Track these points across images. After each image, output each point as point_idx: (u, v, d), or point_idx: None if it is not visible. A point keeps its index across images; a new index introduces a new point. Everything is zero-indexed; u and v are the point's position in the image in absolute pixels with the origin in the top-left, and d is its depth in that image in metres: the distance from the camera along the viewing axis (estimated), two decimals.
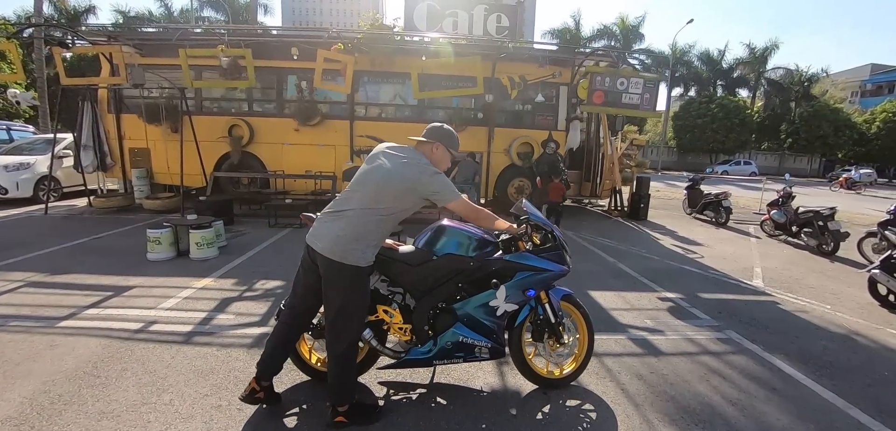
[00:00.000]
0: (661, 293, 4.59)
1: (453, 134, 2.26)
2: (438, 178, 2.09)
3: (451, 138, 2.24)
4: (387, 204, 2.05)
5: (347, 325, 2.08)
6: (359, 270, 2.01)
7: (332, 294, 2.05)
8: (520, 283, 2.37)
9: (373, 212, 2.03)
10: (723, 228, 8.87)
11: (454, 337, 2.37)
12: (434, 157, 2.18)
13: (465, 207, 2.15)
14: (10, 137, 9.70)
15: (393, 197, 2.06)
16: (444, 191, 2.07)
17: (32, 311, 3.36)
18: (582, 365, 2.68)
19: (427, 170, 2.08)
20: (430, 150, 2.19)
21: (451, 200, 2.08)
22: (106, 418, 2.16)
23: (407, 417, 2.29)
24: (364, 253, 2.02)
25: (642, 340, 3.41)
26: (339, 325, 2.07)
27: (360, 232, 2.00)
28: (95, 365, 2.61)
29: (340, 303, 2.05)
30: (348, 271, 1.98)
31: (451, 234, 2.41)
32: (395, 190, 2.05)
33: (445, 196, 2.07)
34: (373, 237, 2.05)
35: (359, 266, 2.00)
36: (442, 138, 2.20)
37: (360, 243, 2.00)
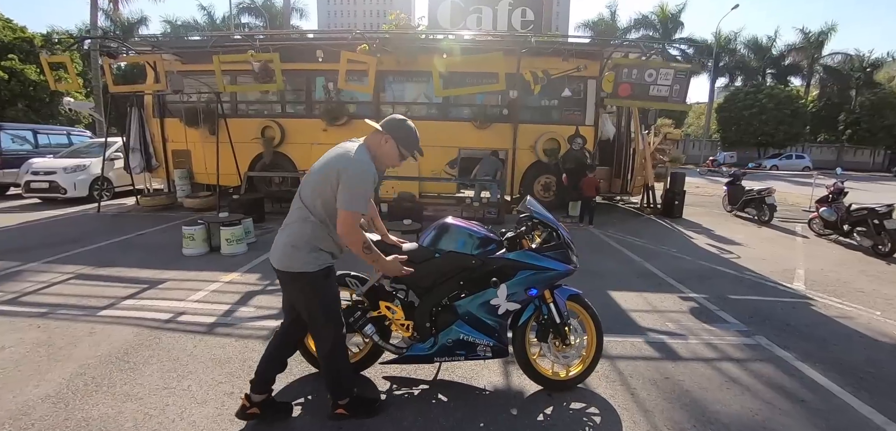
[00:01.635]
0: (688, 294, 4.37)
1: (412, 132, 2.06)
2: (351, 171, 1.85)
3: (406, 135, 2.04)
4: (318, 202, 1.94)
5: (322, 329, 2.06)
6: (306, 276, 1.95)
7: (297, 303, 2.10)
8: (522, 282, 2.34)
9: (309, 213, 1.96)
10: (766, 227, 8.31)
11: (455, 335, 2.38)
12: (379, 151, 2.02)
13: (345, 223, 1.86)
14: (69, 141, 10.63)
15: (319, 192, 1.94)
16: (346, 189, 1.84)
17: (78, 301, 3.68)
18: (589, 368, 2.61)
19: (348, 158, 1.89)
20: (379, 142, 2.02)
21: (342, 206, 1.85)
22: (130, 400, 2.34)
23: (407, 412, 2.32)
24: (307, 257, 1.94)
25: (660, 344, 3.27)
26: (315, 330, 2.11)
27: (297, 238, 1.95)
28: (126, 352, 2.83)
29: (306, 311, 2.06)
30: (299, 279, 1.97)
31: (455, 232, 2.41)
32: (320, 181, 1.93)
33: (342, 196, 1.85)
34: (312, 240, 1.95)
35: (306, 272, 1.94)
36: (395, 132, 2.02)
37: (300, 249, 1.94)
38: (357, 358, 2.59)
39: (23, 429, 2.10)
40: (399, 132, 2.03)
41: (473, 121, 8.23)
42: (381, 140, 2.02)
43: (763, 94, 28.39)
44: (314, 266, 1.95)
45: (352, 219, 1.86)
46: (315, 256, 1.96)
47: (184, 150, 8.64)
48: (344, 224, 1.86)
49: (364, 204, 1.88)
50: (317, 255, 1.96)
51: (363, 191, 1.87)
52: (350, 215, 1.85)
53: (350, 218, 1.86)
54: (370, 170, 1.91)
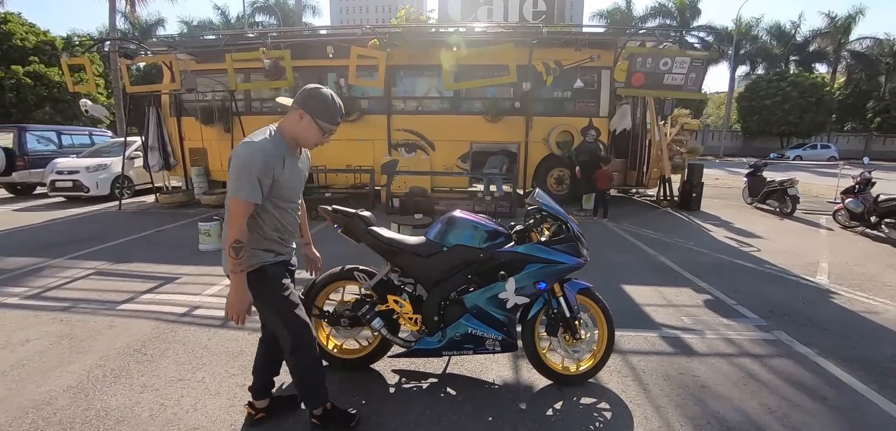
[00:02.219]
0: (704, 288, 4.27)
1: (328, 101, 1.77)
2: (234, 154, 1.66)
3: (321, 106, 1.75)
4: None
5: (278, 332, 1.92)
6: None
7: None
8: (530, 275, 2.31)
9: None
10: (788, 219, 8.06)
11: (463, 329, 2.37)
12: (296, 130, 1.78)
13: (228, 212, 1.68)
14: (91, 141, 10.96)
15: None
16: (232, 178, 1.64)
17: (99, 295, 3.80)
18: (600, 363, 2.57)
19: (241, 145, 1.69)
20: (294, 120, 1.76)
21: (230, 193, 1.65)
22: (147, 391, 2.40)
23: (415, 405, 2.32)
24: None
25: (675, 339, 3.20)
26: (275, 332, 1.95)
27: (224, 239, 1.79)
28: (144, 344, 2.91)
29: (259, 314, 1.98)
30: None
31: (462, 226, 2.40)
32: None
33: (230, 184, 1.65)
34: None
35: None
36: (308, 104, 1.74)
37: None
38: (366, 351, 2.60)
39: (45, 418, 2.17)
40: (313, 104, 1.74)
41: (485, 114, 8.18)
42: (295, 117, 1.76)
43: (787, 82, 27.42)
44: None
45: (233, 207, 1.64)
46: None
47: (200, 148, 8.82)
48: (229, 213, 1.66)
49: (248, 190, 1.62)
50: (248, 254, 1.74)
51: (243, 175, 1.62)
52: (232, 202, 1.64)
53: (231, 206, 1.64)
54: (255, 151, 1.65)
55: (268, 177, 1.70)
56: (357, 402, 2.33)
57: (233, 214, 1.66)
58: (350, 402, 2.33)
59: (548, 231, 2.45)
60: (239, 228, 1.65)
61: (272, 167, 1.70)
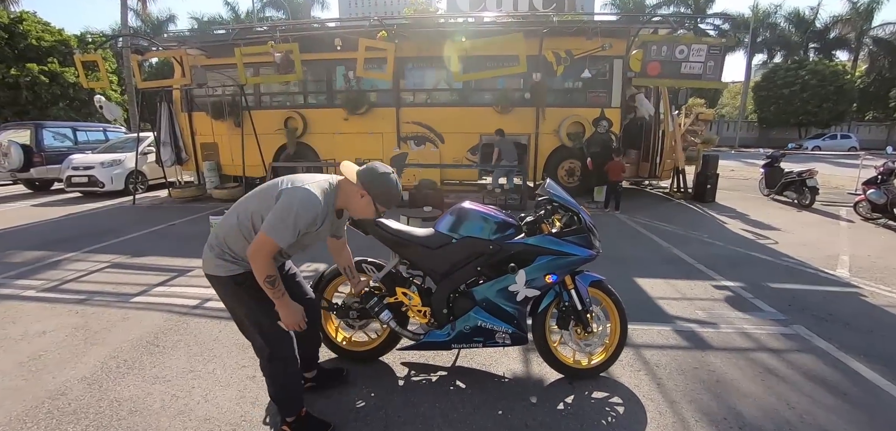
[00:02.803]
0: (720, 282, 4.17)
1: (392, 189, 1.83)
2: (291, 196, 1.69)
3: (384, 191, 1.81)
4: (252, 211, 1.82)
5: (252, 339, 1.93)
6: (217, 280, 1.84)
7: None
8: (541, 268, 2.26)
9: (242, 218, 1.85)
10: (806, 211, 7.84)
11: (473, 322, 2.33)
12: (352, 202, 1.85)
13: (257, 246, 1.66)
14: (106, 137, 11.15)
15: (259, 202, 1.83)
16: (275, 212, 1.66)
17: (113, 288, 3.86)
18: (613, 357, 2.52)
19: (299, 184, 1.74)
20: (354, 194, 1.83)
21: (263, 226, 1.65)
22: (159, 382, 2.43)
23: (424, 398, 2.31)
24: (216, 262, 1.82)
25: (690, 332, 3.13)
26: (250, 340, 1.96)
27: (214, 237, 1.88)
28: (156, 336, 2.94)
29: (233, 317, 1.99)
30: (213, 282, 1.87)
31: (472, 217, 2.36)
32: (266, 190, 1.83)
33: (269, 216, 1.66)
34: (226, 243, 1.83)
35: (215, 275, 1.83)
36: (372, 188, 1.79)
37: (212, 249, 1.85)
38: (375, 344, 2.59)
39: (60, 409, 2.21)
40: (376, 188, 1.79)
41: (495, 106, 8.09)
42: (356, 192, 1.81)
43: (806, 71, 26.59)
44: (222, 270, 1.78)
45: (265, 247, 1.64)
46: (222, 263, 1.78)
47: (211, 143, 8.90)
48: (257, 245, 1.64)
49: (287, 237, 1.64)
50: (225, 263, 1.78)
51: (290, 221, 1.63)
52: (265, 241, 1.63)
53: (264, 244, 1.63)
54: (312, 207, 1.68)
55: (305, 232, 1.72)
56: (365, 395, 2.33)
57: (260, 251, 1.65)
58: (358, 395, 2.33)
59: (559, 222, 2.39)
60: (267, 265, 1.67)
61: (316, 226, 1.75)
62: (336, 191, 1.83)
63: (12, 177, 9.79)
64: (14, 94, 16.79)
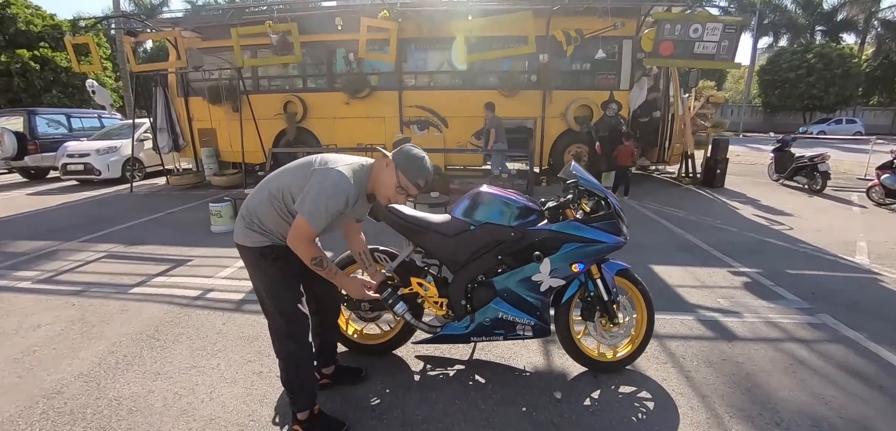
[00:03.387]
0: (738, 269, 4.04)
1: (419, 165, 1.72)
2: (324, 177, 1.62)
3: (411, 165, 1.71)
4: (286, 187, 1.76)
5: (269, 316, 1.84)
6: (244, 250, 1.77)
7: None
8: (567, 256, 2.12)
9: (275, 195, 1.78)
10: (817, 196, 7.70)
11: (493, 313, 2.20)
12: (378, 175, 1.75)
13: (297, 232, 1.62)
14: (101, 124, 10.90)
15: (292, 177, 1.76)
16: (310, 196, 1.60)
17: (111, 279, 3.71)
18: (639, 349, 2.39)
19: (332, 165, 1.68)
20: (380, 166, 1.76)
21: (301, 210, 1.60)
22: (160, 378, 2.29)
23: (443, 394, 2.18)
24: (244, 231, 1.76)
25: (713, 322, 3.00)
26: (266, 316, 1.87)
27: (247, 209, 1.81)
28: (157, 329, 2.80)
29: (255, 290, 1.89)
30: (241, 252, 1.80)
31: (491, 202, 2.20)
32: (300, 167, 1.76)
33: (305, 200, 1.60)
34: (258, 214, 1.76)
35: (243, 245, 1.76)
36: (400, 158, 1.72)
37: (243, 218, 1.79)
38: (388, 337, 2.46)
39: (56, 409, 2.07)
40: (405, 161, 1.71)
41: (500, 89, 7.87)
42: (382, 163, 1.74)
43: (812, 54, 26.15)
44: (250, 241, 1.72)
45: (307, 232, 1.61)
46: (251, 233, 1.72)
47: (209, 129, 8.68)
48: (296, 231, 1.62)
49: (322, 221, 1.59)
50: (253, 233, 1.72)
51: (326, 206, 1.58)
52: (306, 226, 1.59)
53: (304, 230, 1.60)
54: (344, 190, 1.61)
55: (336, 215, 1.67)
56: (380, 391, 2.20)
57: (302, 238, 1.64)
58: (373, 391, 2.20)
59: (585, 207, 2.24)
60: (310, 248, 1.66)
61: (346, 208, 1.68)
62: (368, 174, 1.75)
63: (7, 165, 9.59)
64: (6, 81, 16.44)
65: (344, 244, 2.11)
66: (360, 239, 2.09)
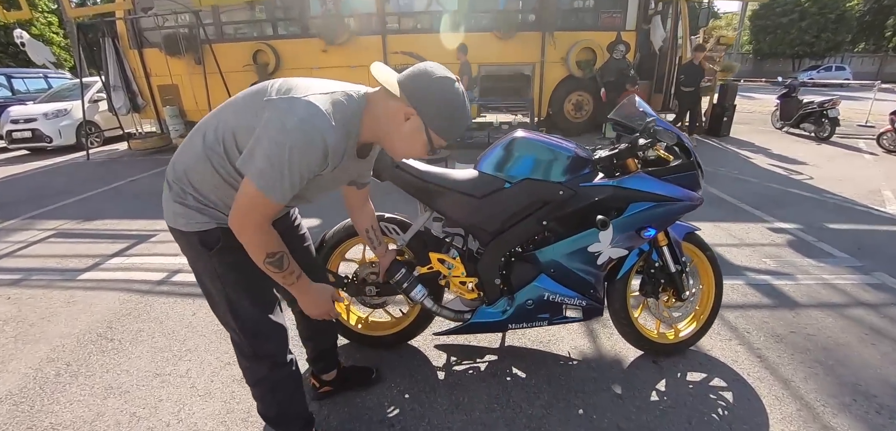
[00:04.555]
0: (774, 223, 3.69)
1: (458, 108, 1.05)
2: (283, 135, 0.94)
3: (446, 113, 1.04)
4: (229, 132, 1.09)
5: (227, 327, 1.26)
6: (182, 236, 1.15)
7: None
8: (634, 219, 1.64)
9: (211, 147, 1.12)
10: (826, 144, 7.42)
11: (537, 294, 1.73)
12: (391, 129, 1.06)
13: (245, 202, 0.98)
14: (48, 85, 9.72)
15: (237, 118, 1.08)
16: (263, 148, 0.95)
17: (58, 263, 3.11)
18: (705, 327, 2.00)
19: (298, 97, 0.98)
20: (394, 116, 1.05)
21: (249, 171, 0.96)
22: (112, 394, 1.79)
23: (476, 395, 1.74)
24: (176, 208, 1.12)
25: (766, 286, 2.64)
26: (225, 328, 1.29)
27: (173, 173, 1.16)
28: (110, 325, 2.26)
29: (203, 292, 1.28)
30: (177, 238, 1.18)
31: (532, 150, 1.67)
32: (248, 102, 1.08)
33: (253, 157, 0.96)
34: (192, 183, 1.11)
35: (177, 229, 1.15)
36: (427, 106, 1.02)
37: (171, 190, 1.14)
38: (401, 326, 1.98)
39: None
40: (439, 111, 1.02)
41: (495, 31, 7.13)
42: (397, 114, 1.03)
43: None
44: (184, 222, 1.10)
45: (256, 209, 0.98)
46: (184, 210, 1.09)
47: (170, 85, 7.72)
48: (241, 208, 0.98)
49: (284, 191, 0.96)
50: (187, 211, 1.09)
51: (289, 163, 0.94)
52: (254, 198, 0.96)
53: (252, 205, 0.97)
54: (320, 133, 0.95)
55: (313, 176, 1.02)
56: (397, 396, 1.75)
57: (250, 213, 0.99)
58: (388, 397, 1.74)
59: (659, 153, 1.74)
60: (264, 238, 1.04)
61: (327, 166, 1.02)
62: (361, 113, 1.06)
63: None
64: None
65: (331, 206, 1.58)
66: (367, 212, 1.53)
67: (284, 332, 1.27)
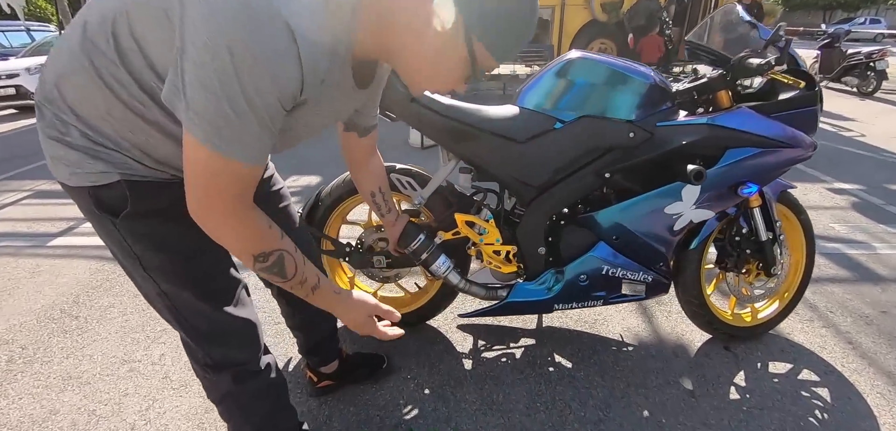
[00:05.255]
0: (833, 184, 3.27)
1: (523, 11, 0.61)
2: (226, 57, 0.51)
3: (505, 24, 0.61)
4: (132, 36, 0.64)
5: (167, 320, 0.87)
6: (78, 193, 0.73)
7: None
8: (732, 172, 1.24)
9: (97, 59, 0.66)
10: (870, 99, 6.83)
11: (594, 266, 1.36)
12: (411, 43, 0.64)
13: (196, 170, 0.59)
14: (31, 39, 9.17)
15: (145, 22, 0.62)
16: (203, 101, 0.53)
17: (29, 227, 2.77)
18: (788, 308, 1.64)
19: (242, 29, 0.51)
20: (418, 25, 0.61)
21: (203, 136, 0.55)
22: (71, 385, 1.47)
23: (513, 391, 1.41)
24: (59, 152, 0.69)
25: (841, 256, 2.26)
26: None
27: (45, 98, 0.71)
28: (77, 300, 1.94)
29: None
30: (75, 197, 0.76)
31: (592, 75, 1.25)
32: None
33: (201, 117, 0.54)
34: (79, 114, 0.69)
35: (70, 186, 0.72)
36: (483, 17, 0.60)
37: (47, 126, 0.70)
38: (418, 303, 1.62)
39: None
40: (496, 13, 0.60)
41: None
42: (421, 12, 0.60)
43: None
44: (67, 172, 0.69)
45: (217, 173, 0.58)
46: (63, 150, 0.67)
47: None
48: (191, 170, 0.59)
49: (253, 149, 0.59)
50: (70, 152, 0.67)
51: (238, 85, 0.52)
52: (208, 158, 0.57)
53: (209, 168, 0.58)
54: (282, 23, 0.53)
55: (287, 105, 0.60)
56: (414, 392, 1.41)
57: (213, 186, 0.60)
58: (404, 393, 1.41)
59: (778, 76, 1.31)
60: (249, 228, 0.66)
61: (301, 92, 0.60)
62: (357, 9, 0.61)
63: None
64: None
65: (333, 158, 1.19)
66: (374, 169, 1.12)
67: (252, 329, 0.90)
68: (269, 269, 0.68)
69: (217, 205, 0.61)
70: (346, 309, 0.81)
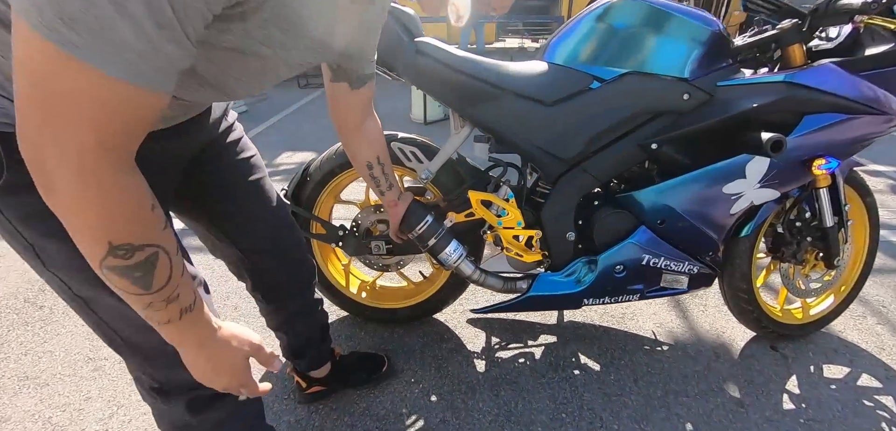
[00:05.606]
0: (867, 165, 3.04)
1: None
2: None
3: None
4: None
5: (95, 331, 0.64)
6: None
7: None
8: (810, 142, 1.02)
9: None
10: None
11: (633, 256, 1.15)
12: None
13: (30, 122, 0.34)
14: None
15: None
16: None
17: None
18: (845, 303, 1.44)
19: None
20: None
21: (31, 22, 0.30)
22: (27, 387, 1.29)
23: (535, 398, 1.22)
24: None
25: (887, 245, 2.06)
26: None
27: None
28: (43, 288, 1.74)
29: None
30: None
31: (640, 19, 1.02)
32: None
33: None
34: None
35: None
36: None
37: None
38: (423, 295, 1.42)
39: None
40: None
41: None
42: None
43: None
44: None
45: (78, 94, 0.32)
46: None
47: None
48: (28, 78, 0.32)
49: (126, 49, 0.32)
50: None
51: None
52: (55, 58, 0.31)
53: (59, 75, 0.32)
54: None
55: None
56: (420, 399, 1.22)
57: (70, 120, 0.33)
58: (405, 399, 1.22)
59: (873, 21, 1.07)
60: (118, 204, 0.38)
61: None
62: None
63: None
64: None
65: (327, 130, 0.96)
66: (371, 133, 0.91)
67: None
68: (125, 271, 0.41)
69: (68, 150, 0.34)
70: (216, 350, 0.54)
